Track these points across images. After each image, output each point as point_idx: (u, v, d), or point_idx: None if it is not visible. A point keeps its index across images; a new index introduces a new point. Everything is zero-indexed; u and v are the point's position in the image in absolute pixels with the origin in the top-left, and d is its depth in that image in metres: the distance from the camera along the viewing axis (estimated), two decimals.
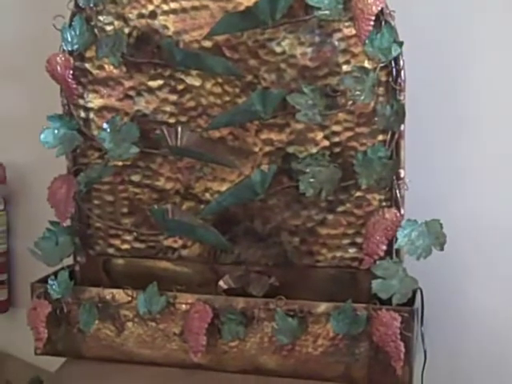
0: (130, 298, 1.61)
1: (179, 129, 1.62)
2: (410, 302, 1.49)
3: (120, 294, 1.62)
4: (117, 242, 1.70)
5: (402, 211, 1.51)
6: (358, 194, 1.55)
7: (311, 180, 1.55)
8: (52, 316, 1.64)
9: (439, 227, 1.47)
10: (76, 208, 1.66)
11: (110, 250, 1.70)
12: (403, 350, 1.46)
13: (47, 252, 1.66)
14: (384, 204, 1.54)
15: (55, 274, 1.65)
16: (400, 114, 1.49)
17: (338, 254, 1.59)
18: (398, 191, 1.51)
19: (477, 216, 1.65)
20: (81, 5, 1.62)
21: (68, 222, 1.65)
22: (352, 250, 1.58)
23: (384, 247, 1.50)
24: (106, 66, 1.64)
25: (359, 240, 1.56)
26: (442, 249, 1.47)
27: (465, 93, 1.65)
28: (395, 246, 1.50)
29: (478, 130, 1.66)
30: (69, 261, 1.69)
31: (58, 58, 1.62)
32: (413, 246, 1.48)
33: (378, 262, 1.50)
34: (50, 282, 1.63)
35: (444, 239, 1.46)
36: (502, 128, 1.64)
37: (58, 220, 1.65)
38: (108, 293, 1.62)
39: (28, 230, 1.82)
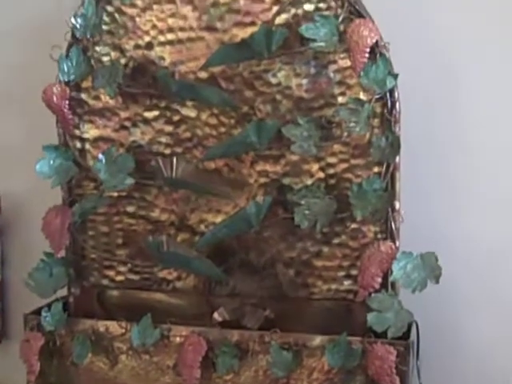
0: (123, 331, 1.60)
1: (174, 160, 1.62)
2: (406, 335, 1.48)
3: (114, 326, 1.60)
4: (111, 273, 1.69)
5: (398, 243, 1.50)
6: (354, 225, 1.55)
7: (306, 212, 1.54)
8: (45, 348, 1.63)
9: (434, 260, 1.46)
10: (71, 239, 1.65)
11: (105, 282, 1.69)
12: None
13: (41, 283, 1.65)
14: (379, 236, 1.53)
15: (49, 305, 1.64)
16: (395, 146, 1.48)
17: (334, 286, 1.58)
18: (393, 223, 1.51)
19: (473, 248, 1.65)
20: (78, 36, 1.62)
21: (62, 253, 1.64)
22: (347, 283, 1.57)
23: (379, 280, 1.49)
24: (102, 97, 1.64)
25: (354, 272, 1.55)
26: (437, 281, 1.46)
27: (459, 122, 1.66)
28: (390, 279, 1.49)
29: (473, 160, 1.66)
30: (63, 292, 1.68)
31: (55, 89, 1.63)
32: (408, 278, 1.47)
33: (373, 295, 1.49)
34: (43, 313, 1.62)
35: (439, 272, 1.45)
36: (497, 157, 1.65)
37: (52, 251, 1.64)
38: (102, 325, 1.61)
39: (22, 261, 1.81)
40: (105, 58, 1.64)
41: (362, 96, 1.51)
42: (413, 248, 1.48)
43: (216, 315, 1.59)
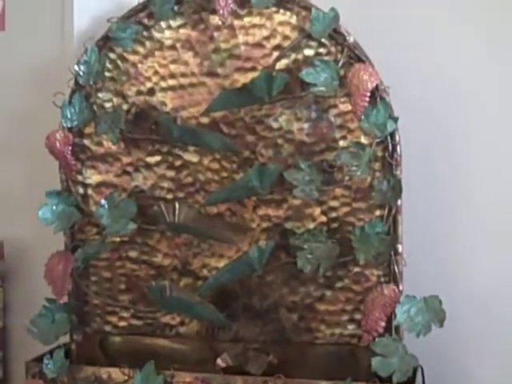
0: (126, 377, 1.58)
1: (177, 205, 1.62)
2: (411, 380, 1.46)
3: (116, 373, 1.59)
4: (114, 319, 1.68)
5: (401, 287, 1.49)
6: (356, 269, 1.54)
7: (309, 256, 1.54)
8: None
9: (438, 303, 1.45)
10: (73, 285, 1.65)
11: (107, 328, 1.68)
12: None
13: (43, 330, 1.64)
14: (382, 280, 1.53)
15: (51, 352, 1.63)
16: (397, 189, 1.49)
17: (337, 330, 1.57)
18: (396, 267, 1.50)
19: (477, 290, 1.64)
20: (81, 82, 1.64)
21: (65, 299, 1.64)
22: (351, 327, 1.56)
23: (383, 324, 1.48)
24: (105, 143, 1.65)
25: (358, 316, 1.55)
26: (441, 325, 1.45)
27: (459, 165, 1.67)
28: (394, 323, 1.48)
29: (475, 203, 1.66)
30: (65, 338, 1.67)
31: (58, 135, 1.64)
32: (412, 322, 1.46)
33: (377, 339, 1.48)
34: (45, 360, 1.61)
35: (443, 316, 1.45)
36: (498, 197, 1.65)
37: (54, 297, 1.63)
38: (104, 372, 1.59)
39: (25, 307, 1.80)
40: (107, 104, 1.65)
41: (363, 140, 1.51)
42: (416, 291, 1.47)
43: (219, 361, 1.58)
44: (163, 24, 1.62)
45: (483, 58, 1.64)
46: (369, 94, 1.48)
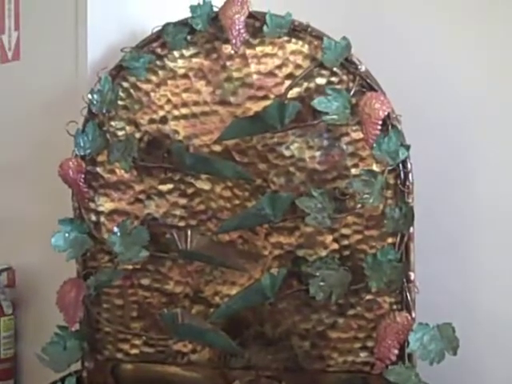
0: None
1: (189, 232, 1.62)
2: None
3: None
4: (126, 346, 1.68)
5: (414, 314, 1.49)
6: (369, 297, 1.54)
7: (321, 283, 1.54)
8: None
9: (451, 331, 1.45)
10: (85, 312, 1.65)
11: (119, 355, 1.68)
12: None
13: (55, 357, 1.64)
14: (395, 307, 1.52)
15: (62, 379, 1.63)
16: (409, 217, 1.49)
17: (350, 358, 1.57)
18: (408, 294, 1.50)
19: (491, 318, 1.64)
20: (94, 111, 1.65)
21: (76, 327, 1.64)
22: (363, 354, 1.56)
23: (396, 351, 1.48)
24: (117, 171, 1.66)
25: (370, 344, 1.54)
26: (455, 353, 1.44)
27: (471, 192, 1.67)
28: (407, 351, 1.47)
29: (490, 228, 1.66)
30: (77, 365, 1.67)
31: (71, 163, 1.65)
32: (425, 350, 1.45)
33: (390, 367, 1.47)
34: None
35: (457, 343, 1.44)
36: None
37: (66, 324, 1.63)
38: None
39: (36, 335, 1.80)
40: (120, 133, 1.66)
41: (374, 167, 1.52)
42: (428, 319, 1.47)
43: None
44: (176, 53, 1.64)
45: (496, 86, 1.65)
46: (380, 122, 1.49)
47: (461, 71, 1.68)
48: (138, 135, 1.65)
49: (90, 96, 1.65)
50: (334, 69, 1.54)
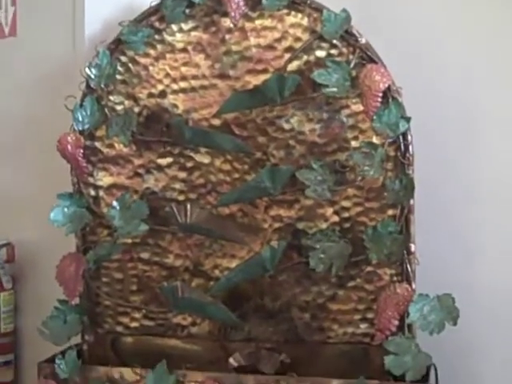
0: (138, 377, 1.58)
1: (188, 206, 1.63)
2: (424, 378, 1.47)
3: (129, 373, 1.59)
4: (125, 319, 1.68)
5: (414, 286, 1.50)
6: (369, 269, 1.55)
7: (321, 256, 1.54)
8: None
9: (451, 301, 1.46)
10: (84, 286, 1.65)
11: (119, 328, 1.68)
12: None
13: (55, 331, 1.64)
14: (395, 279, 1.53)
15: (63, 353, 1.63)
16: (409, 189, 1.49)
17: (350, 329, 1.57)
18: (408, 266, 1.51)
19: (491, 288, 1.65)
20: (92, 86, 1.65)
21: (77, 300, 1.64)
22: (363, 326, 1.57)
23: (396, 322, 1.48)
24: (116, 145, 1.66)
25: (370, 315, 1.55)
26: (455, 323, 1.45)
27: (473, 164, 1.67)
28: (407, 321, 1.48)
29: (489, 201, 1.67)
30: (76, 339, 1.67)
31: (69, 138, 1.64)
32: (425, 321, 1.46)
33: (390, 338, 1.48)
34: (57, 361, 1.61)
35: (457, 313, 1.45)
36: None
37: (66, 298, 1.64)
38: (116, 372, 1.59)
39: (36, 309, 1.80)
40: (119, 107, 1.66)
41: (375, 140, 1.52)
42: (429, 291, 1.48)
43: (232, 360, 1.58)
44: (174, 27, 1.63)
45: (496, 52, 1.66)
46: (381, 95, 1.49)
47: (460, 39, 1.68)
48: (136, 109, 1.65)
49: (87, 70, 1.64)
50: (334, 41, 1.54)
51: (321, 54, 1.55)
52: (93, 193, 1.68)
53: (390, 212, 1.53)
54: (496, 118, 1.66)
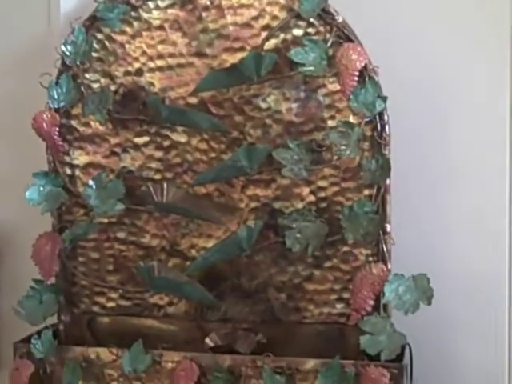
0: (114, 357, 1.58)
1: (165, 185, 1.62)
2: (399, 358, 1.47)
3: (105, 353, 1.59)
4: (102, 299, 1.68)
5: (389, 266, 1.50)
6: (345, 249, 1.55)
7: (298, 235, 1.54)
8: (35, 376, 1.61)
9: (426, 281, 1.46)
10: (61, 266, 1.65)
11: (95, 308, 1.68)
12: None
13: (31, 311, 1.64)
14: (371, 259, 1.53)
15: (39, 333, 1.63)
16: (385, 169, 1.49)
17: (326, 309, 1.58)
18: (384, 246, 1.51)
19: (464, 268, 1.65)
20: (68, 63, 1.63)
21: (52, 280, 1.63)
22: (339, 306, 1.57)
23: (371, 302, 1.49)
24: (92, 123, 1.65)
25: (346, 295, 1.55)
26: (429, 303, 1.46)
27: (448, 144, 1.67)
28: (383, 301, 1.49)
29: (464, 180, 1.67)
30: (53, 319, 1.67)
31: (45, 116, 1.63)
32: (400, 300, 1.47)
33: (365, 318, 1.49)
34: (33, 341, 1.61)
35: (431, 293, 1.45)
36: (486, 177, 1.66)
37: (42, 278, 1.63)
38: (92, 352, 1.60)
39: (12, 289, 1.79)
40: (95, 85, 1.64)
41: (351, 119, 1.52)
42: (404, 270, 1.48)
43: (208, 340, 1.59)
44: (151, 4, 1.61)
45: (471, 36, 1.65)
46: (357, 74, 1.48)
47: (438, 20, 1.67)
48: (113, 87, 1.63)
49: (63, 47, 1.63)
50: (311, 20, 1.53)
51: (298, 32, 1.54)
52: (69, 172, 1.67)
53: (367, 192, 1.52)
54: (469, 97, 1.66)
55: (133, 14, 1.62)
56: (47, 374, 1.62)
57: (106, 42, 1.63)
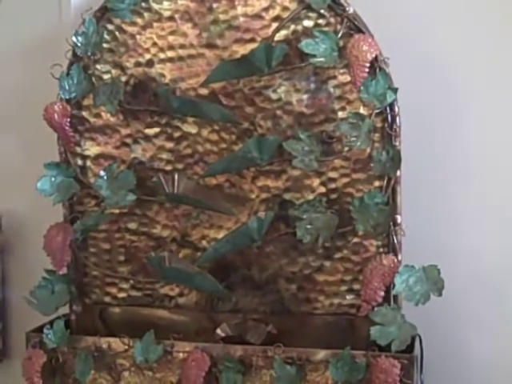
0: (126, 347, 1.59)
1: (176, 176, 1.62)
2: (409, 348, 1.48)
3: (116, 343, 1.60)
4: (113, 290, 1.68)
5: (400, 257, 1.50)
6: (355, 240, 1.55)
7: (308, 226, 1.54)
8: (47, 366, 1.62)
9: (437, 273, 1.46)
10: (72, 256, 1.65)
11: (107, 299, 1.69)
12: None
13: (43, 301, 1.65)
14: (381, 250, 1.53)
15: (51, 323, 1.64)
16: (396, 160, 1.49)
17: (336, 300, 1.58)
18: (394, 237, 1.51)
19: (475, 260, 1.66)
20: (79, 54, 1.63)
21: (64, 271, 1.64)
22: (350, 297, 1.57)
23: (382, 293, 1.49)
24: (103, 114, 1.65)
25: (357, 286, 1.56)
26: (440, 294, 1.46)
27: (459, 135, 1.67)
28: (393, 292, 1.49)
29: (473, 171, 1.67)
30: (65, 309, 1.68)
31: (56, 107, 1.63)
32: (411, 291, 1.47)
33: (376, 309, 1.49)
34: (45, 331, 1.62)
35: (442, 284, 1.46)
36: (498, 168, 1.66)
37: (54, 268, 1.64)
38: (104, 341, 1.60)
39: (23, 279, 1.81)
40: (105, 76, 1.64)
41: (362, 111, 1.52)
42: (415, 262, 1.48)
43: (219, 331, 1.59)
44: None
45: (482, 24, 1.65)
46: (368, 65, 1.48)
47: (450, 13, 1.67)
48: (123, 78, 1.63)
49: (74, 38, 1.63)
50: (322, 11, 1.53)
51: (308, 23, 1.54)
52: (80, 162, 1.67)
53: (377, 183, 1.53)
54: (483, 89, 1.65)
55: (143, 4, 1.62)
56: (59, 363, 1.63)
57: (117, 33, 1.64)
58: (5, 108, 1.84)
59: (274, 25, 1.56)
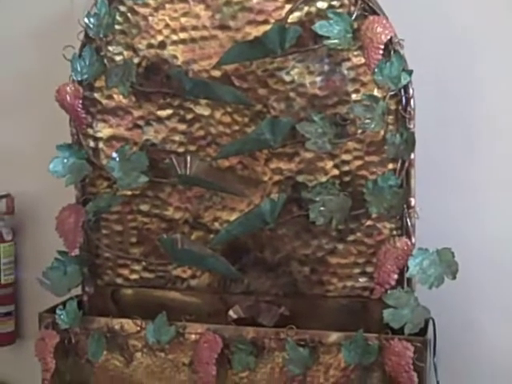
0: (138, 328, 1.60)
1: (188, 158, 1.62)
2: (423, 331, 1.48)
3: (129, 324, 1.60)
4: (125, 271, 1.69)
5: (413, 240, 1.50)
6: (369, 222, 1.55)
7: (321, 209, 1.54)
8: (60, 346, 1.62)
9: (451, 255, 1.46)
10: (84, 238, 1.65)
11: (119, 280, 1.69)
12: (416, 380, 1.44)
13: (55, 282, 1.65)
14: (395, 233, 1.53)
15: (63, 303, 1.64)
16: (410, 143, 1.48)
17: (349, 283, 1.58)
18: (408, 220, 1.50)
19: (490, 243, 1.65)
20: (91, 35, 1.63)
21: (76, 252, 1.64)
22: (363, 280, 1.57)
23: (395, 276, 1.49)
24: (115, 96, 1.65)
25: (370, 269, 1.55)
26: (454, 277, 1.46)
27: (474, 118, 1.66)
28: (406, 275, 1.49)
29: (489, 154, 1.66)
30: (77, 291, 1.68)
31: (68, 88, 1.63)
32: (424, 274, 1.47)
33: (389, 292, 1.49)
34: (58, 311, 1.62)
35: (456, 268, 1.45)
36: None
37: (66, 250, 1.64)
38: (117, 323, 1.61)
39: (36, 261, 1.81)
40: (118, 58, 1.64)
41: (376, 93, 1.51)
42: (428, 244, 1.48)
43: (231, 312, 1.59)
44: None
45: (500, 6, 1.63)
46: (382, 47, 1.47)
47: None
48: (136, 60, 1.63)
49: (86, 20, 1.62)
50: None
51: (322, 4, 1.53)
52: (92, 144, 1.67)
53: (391, 166, 1.52)
54: (498, 74, 1.64)
55: None
56: (72, 344, 1.63)
57: (129, 15, 1.63)
58: (17, 90, 1.84)
59: (288, 6, 1.55)
